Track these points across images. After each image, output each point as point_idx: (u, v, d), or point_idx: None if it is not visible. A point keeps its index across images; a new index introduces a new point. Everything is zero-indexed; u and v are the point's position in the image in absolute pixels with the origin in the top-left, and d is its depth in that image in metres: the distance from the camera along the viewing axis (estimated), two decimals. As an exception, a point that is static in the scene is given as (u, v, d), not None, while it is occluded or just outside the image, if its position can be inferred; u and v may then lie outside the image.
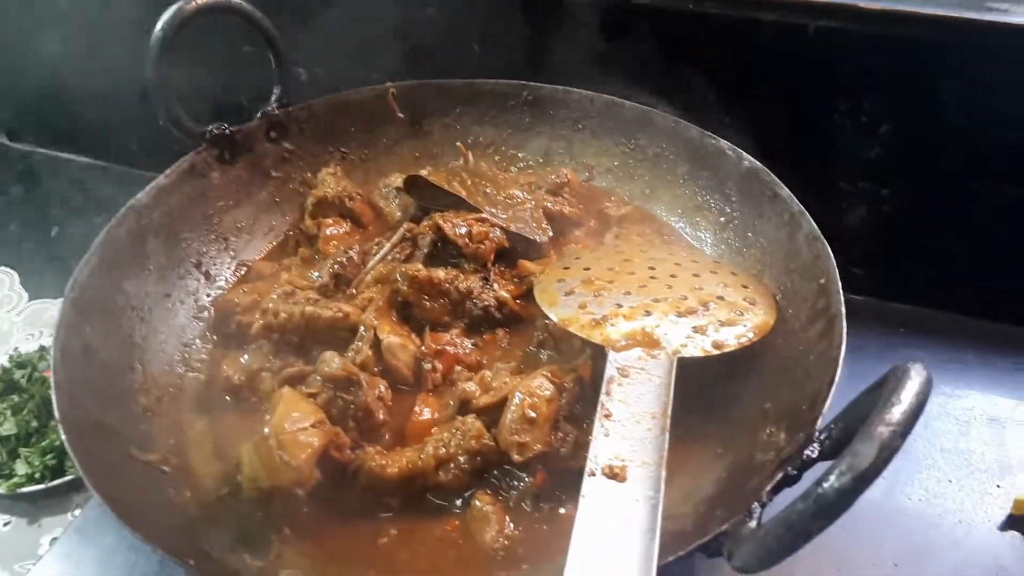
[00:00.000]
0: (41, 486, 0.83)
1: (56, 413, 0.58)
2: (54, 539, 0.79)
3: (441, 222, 0.76)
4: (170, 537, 0.54)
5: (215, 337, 0.76)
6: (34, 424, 0.86)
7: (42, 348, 0.97)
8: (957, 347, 0.92)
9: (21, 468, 0.83)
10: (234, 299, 0.76)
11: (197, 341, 0.76)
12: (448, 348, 0.71)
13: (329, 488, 0.60)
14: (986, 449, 0.78)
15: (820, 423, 0.53)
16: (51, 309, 1.10)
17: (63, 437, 0.56)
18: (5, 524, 0.83)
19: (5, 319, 1.09)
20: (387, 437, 0.66)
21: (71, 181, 1.34)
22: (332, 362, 0.64)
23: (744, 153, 0.79)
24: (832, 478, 0.39)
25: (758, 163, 0.77)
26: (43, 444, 0.85)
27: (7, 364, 0.95)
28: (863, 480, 0.39)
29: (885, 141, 0.96)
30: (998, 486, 0.75)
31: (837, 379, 0.56)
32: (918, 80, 0.91)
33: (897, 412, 0.40)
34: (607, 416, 0.56)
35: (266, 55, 0.84)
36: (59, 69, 1.24)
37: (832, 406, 0.55)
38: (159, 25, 0.74)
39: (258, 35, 0.83)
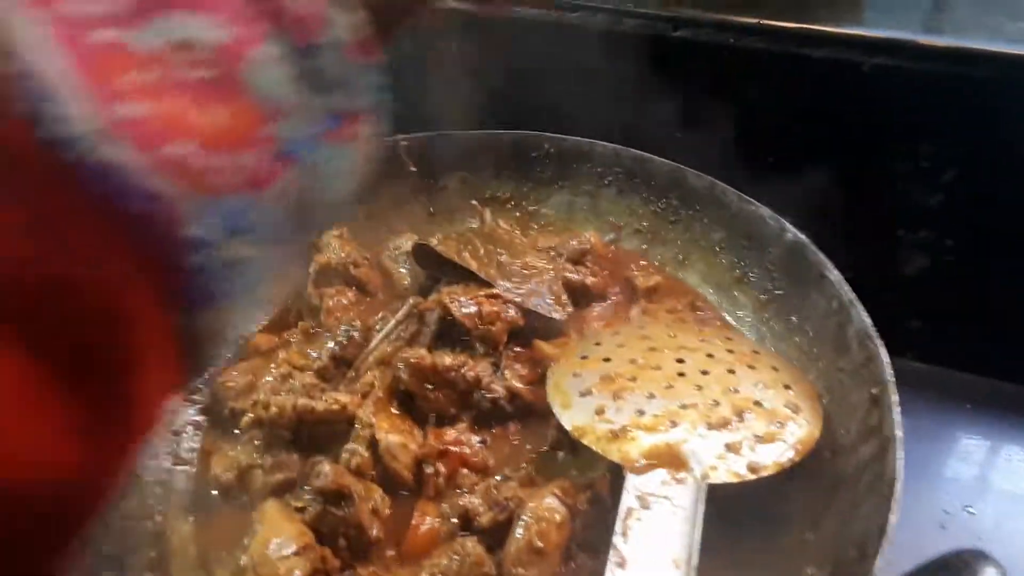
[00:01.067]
0: None
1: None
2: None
3: (448, 302, 0.69)
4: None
5: (207, 423, 0.71)
6: None
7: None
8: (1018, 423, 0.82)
9: None
10: (227, 383, 0.70)
11: (189, 428, 0.71)
12: (453, 448, 0.64)
13: (316, 616, 0.55)
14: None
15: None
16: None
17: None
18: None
19: None
20: (383, 551, 0.60)
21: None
22: (322, 473, 0.58)
23: (787, 224, 0.70)
24: None
25: (803, 237, 0.69)
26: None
27: None
28: None
29: (949, 189, 0.87)
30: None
31: (890, 527, 0.48)
32: (987, 123, 0.82)
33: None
34: (620, 564, 0.49)
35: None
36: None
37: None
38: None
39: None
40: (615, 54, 0.88)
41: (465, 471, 0.64)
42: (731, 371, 0.63)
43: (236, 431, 0.68)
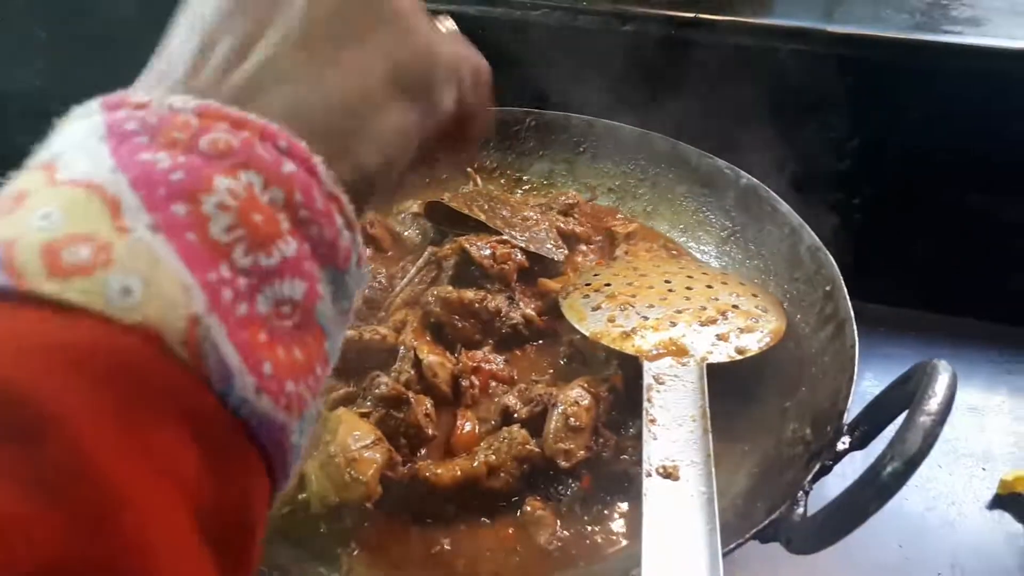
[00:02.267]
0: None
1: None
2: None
3: (467, 245, 0.80)
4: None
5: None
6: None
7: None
8: (932, 343, 1.00)
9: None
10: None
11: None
12: (483, 365, 0.75)
13: (386, 502, 0.64)
14: (969, 436, 0.85)
15: (846, 417, 0.60)
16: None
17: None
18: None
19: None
20: (435, 450, 0.70)
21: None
22: (382, 384, 0.68)
23: (741, 171, 0.85)
24: (886, 464, 0.45)
25: (756, 180, 0.84)
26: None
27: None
28: (912, 464, 0.44)
29: (854, 155, 1.04)
30: (983, 469, 0.82)
31: (856, 375, 0.62)
32: (882, 97, 0.99)
33: (934, 403, 0.46)
34: (652, 421, 0.61)
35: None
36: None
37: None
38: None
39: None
40: (572, 46, 1.02)
41: (495, 383, 0.75)
42: (709, 286, 0.77)
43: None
